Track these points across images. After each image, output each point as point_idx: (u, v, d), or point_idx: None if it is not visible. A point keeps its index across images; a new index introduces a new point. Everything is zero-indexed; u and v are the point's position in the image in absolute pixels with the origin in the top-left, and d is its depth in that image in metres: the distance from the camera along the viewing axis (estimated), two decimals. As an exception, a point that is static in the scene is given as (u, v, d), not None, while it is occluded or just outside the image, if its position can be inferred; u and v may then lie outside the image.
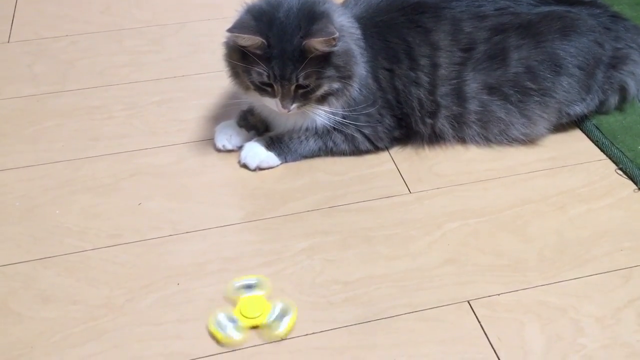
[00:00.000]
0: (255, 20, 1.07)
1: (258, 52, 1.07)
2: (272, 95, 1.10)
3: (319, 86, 1.10)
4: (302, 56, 1.06)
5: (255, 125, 1.24)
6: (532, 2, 1.21)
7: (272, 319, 0.93)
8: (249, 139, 1.22)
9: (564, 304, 0.96)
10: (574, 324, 0.94)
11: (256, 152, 1.18)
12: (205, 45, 1.53)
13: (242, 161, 1.19)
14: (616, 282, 0.99)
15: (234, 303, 0.95)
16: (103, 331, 0.93)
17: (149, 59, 1.50)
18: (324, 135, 1.19)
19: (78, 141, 1.26)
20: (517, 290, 0.98)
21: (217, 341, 0.91)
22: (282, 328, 0.92)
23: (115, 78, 1.43)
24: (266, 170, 1.19)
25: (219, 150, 1.23)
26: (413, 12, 1.19)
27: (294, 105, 1.11)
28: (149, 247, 1.05)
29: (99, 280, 1.00)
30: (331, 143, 1.20)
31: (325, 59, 1.08)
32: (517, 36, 1.17)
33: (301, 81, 1.07)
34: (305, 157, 1.21)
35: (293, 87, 1.08)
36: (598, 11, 1.24)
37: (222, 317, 0.93)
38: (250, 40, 1.06)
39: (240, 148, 1.21)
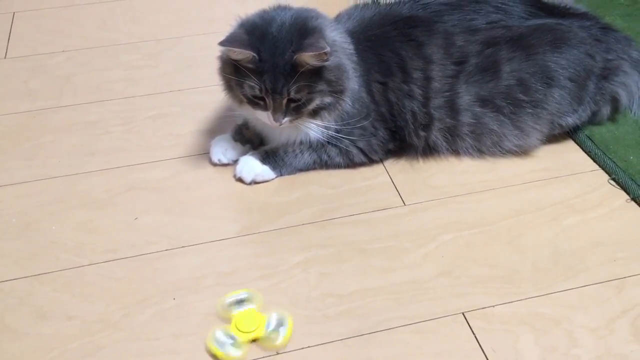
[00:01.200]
0: (247, 34, 1.09)
1: (250, 65, 1.08)
2: (264, 108, 1.11)
3: (310, 100, 1.11)
4: (294, 70, 1.07)
5: (250, 139, 1.25)
6: (523, 15, 1.22)
7: (270, 330, 0.93)
8: (244, 153, 1.22)
9: (558, 315, 0.97)
10: (568, 334, 0.94)
11: (251, 166, 1.19)
12: (201, 60, 1.54)
13: (238, 175, 1.19)
14: (610, 292, 1.00)
15: (227, 320, 0.95)
16: (99, 347, 0.93)
17: (144, 73, 1.51)
18: (318, 148, 1.20)
19: (74, 156, 1.27)
20: (511, 302, 0.99)
21: (217, 359, 0.91)
22: (281, 338, 0.92)
23: (111, 93, 1.44)
24: (261, 184, 1.20)
25: (214, 165, 1.24)
26: (405, 26, 1.20)
27: (286, 119, 1.11)
28: (145, 262, 1.06)
29: (95, 296, 1.00)
30: (326, 156, 1.20)
31: (317, 74, 1.09)
32: (508, 49, 1.19)
33: (293, 95, 1.08)
34: (300, 170, 1.21)
35: (285, 101, 1.09)
36: (589, 23, 1.25)
37: (220, 334, 0.93)
38: (241, 54, 1.07)
39: (235, 162, 1.21)
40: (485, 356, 0.91)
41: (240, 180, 1.20)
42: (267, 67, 1.07)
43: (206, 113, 1.37)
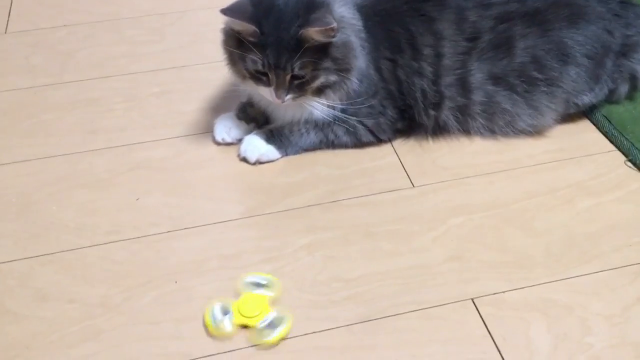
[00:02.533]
0: (252, 5, 1.05)
1: (252, 39, 1.04)
2: (267, 84, 1.08)
3: (315, 77, 1.07)
4: (299, 45, 1.03)
5: (254, 118, 1.22)
6: (539, -12, 1.18)
7: (262, 326, 0.90)
8: (248, 132, 1.19)
9: (571, 301, 0.94)
10: (581, 322, 0.91)
11: (256, 145, 1.16)
12: (206, 35, 1.50)
13: (242, 155, 1.16)
14: (625, 278, 0.97)
15: (237, 296, 0.93)
16: (100, 331, 0.91)
17: (148, 49, 1.47)
18: (325, 127, 1.16)
19: (76, 135, 1.24)
20: (522, 288, 0.96)
21: (209, 331, 0.90)
22: (271, 337, 0.89)
23: (114, 69, 1.41)
24: (266, 164, 1.17)
25: (218, 144, 1.21)
26: (416, 1, 1.16)
27: (289, 96, 1.08)
28: (147, 244, 1.03)
29: (96, 278, 0.98)
30: (332, 135, 1.17)
31: (322, 50, 1.05)
32: (523, 25, 1.14)
33: (296, 71, 1.05)
34: (306, 150, 1.18)
35: (288, 77, 1.06)
36: (607, -3, 1.21)
37: (217, 307, 0.91)
38: (242, 26, 1.04)
39: (239, 141, 1.18)
40: (495, 344, 0.89)
41: (244, 160, 1.17)
42: (271, 41, 1.03)
43: (211, 90, 1.34)
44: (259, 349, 0.89)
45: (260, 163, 1.16)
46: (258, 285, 0.95)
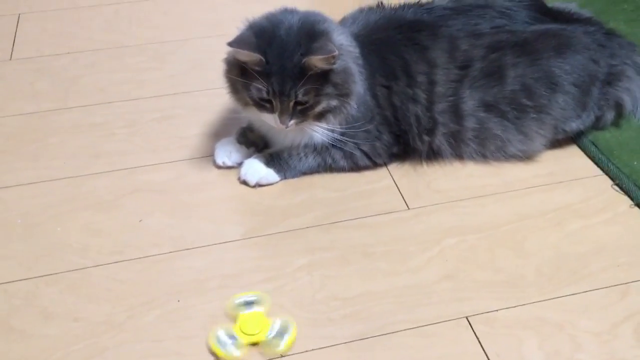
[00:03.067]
0: (256, 36, 1.09)
1: (257, 68, 1.08)
2: (271, 111, 1.12)
3: (317, 103, 1.11)
4: (302, 73, 1.07)
5: (254, 142, 1.25)
6: (527, 20, 1.23)
7: (272, 336, 0.93)
8: (248, 156, 1.23)
9: (562, 319, 0.97)
10: (571, 339, 0.94)
11: (256, 168, 1.19)
12: (205, 63, 1.54)
13: (242, 178, 1.20)
14: (613, 297, 1.00)
15: (233, 319, 0.96)
16: (104, 348, 0.93)
17: (150, 75, 1.51)
18: (323, 151, 1.20)
19: (80, 158, 1.27)
20: (515, 306, 0.99)
21: (217, 358, 0.92)
22: (283, 345, 0.92)
23: (117, 95, 1.45)
24: (265, 187, 1.20)
25: (218, 167, 1.24)
26: (410, 30, 1.21)
27: (292, 122, 1.12)
28: (150, 264, 1.06)
29: (100, 297, 1.01)
30: (330, 159, 1.21)
31: (324, 77, 1.09)
32: (513, 54, 1.19)
33: (300, 97, 1.09)
34: (304, 173, 1.22)
35: (292, 104, 1.10)
36: (593, 29, 1.26)
37: (221, 333, 0.94)
38: (248, 56, 1.08)
39: (240, 164, 1.22)
40: (489, 360, 0.92)
41: (244, 182, 1.20)
42: (275, 70, 1.07)
43: (211, 115, 1.37)
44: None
45: (260, 186, 1.20)
46: (248, 304, 0.98)
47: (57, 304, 0.99)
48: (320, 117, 1.14)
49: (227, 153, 1.23)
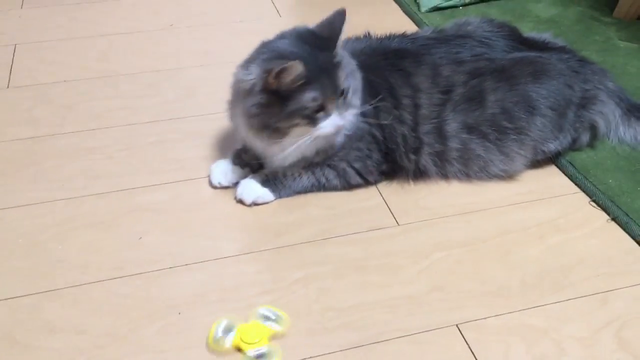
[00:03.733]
0: (275, 57, 1.12)
1: (301, 81, 1.09)
2: (326, 115, 1.14)
3: (348, 87, 1.16)
4: (335, 63, 1.14)
5: (248, 163, 1.30)
6: (505, 48, 1.30)
7: (253, 355, 0.96)
8: (243, 176, 1.27)
9: (547, 326, 1.02)
10: (556, 344, 0.99)
11: (252, 188, 1.24)
12: (199, 90, 1.59)
13: (239, 197, 1.24)
14: (594, 305, 1.06)
15: (247, 320, 1.00)
16: None
17: (144, 102, 1.56)
18: (317, 171, 1.25)
19: (77, 180, 1.31)
20: (502, 314, 1.04)
21: (207, 343, 0.97)
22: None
23: (113, 121, 1.49)
24: (261, 205, 1.25)
25: (214, 187, 1.28)
26: (395, 57, 1.28)
27: (347, 112, 1.17)
28: (150, 279, 1.09)
29: (103, 311, 1.03)
30: (324, 179, 1.26)
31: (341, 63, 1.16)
32: (492, 80, 1.26)
33: (345, 84, 1.14)
34: (299, 192, 1.27)
35: (340, 95, 1.15)
36: (567, 56, 1.34)
37: (223, 325, 0.98)
38: (292, 69, 1.07)
39: (235, 184, 1.26)
40: (479, 365, 0.96)
41: (240, 201, 1.24)
42: (316, 72, 1.11)
43: (206, 139, 1.42)
44: (260, 374, 0.95)
45: (256, 204, 1.24)
46: (267, 318, 1.01)
47: (61, 318, 1.02)
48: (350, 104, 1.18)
49: (222, 173, 1.28)
